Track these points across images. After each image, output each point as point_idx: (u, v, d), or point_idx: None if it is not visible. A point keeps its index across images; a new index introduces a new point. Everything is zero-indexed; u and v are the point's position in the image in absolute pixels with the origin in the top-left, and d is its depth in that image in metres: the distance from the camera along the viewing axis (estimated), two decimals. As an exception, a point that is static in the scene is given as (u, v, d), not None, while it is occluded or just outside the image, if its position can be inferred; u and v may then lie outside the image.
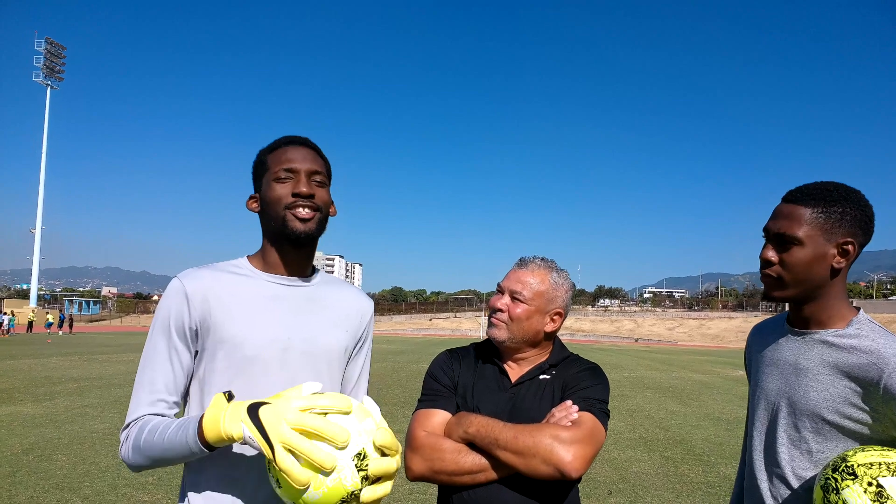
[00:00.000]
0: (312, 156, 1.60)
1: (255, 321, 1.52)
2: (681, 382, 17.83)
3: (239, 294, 1.53)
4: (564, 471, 1.54)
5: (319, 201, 1.57)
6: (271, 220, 1.56)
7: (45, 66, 76.92)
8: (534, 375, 1.81)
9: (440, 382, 1.84)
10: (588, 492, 6.03)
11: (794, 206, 1.56)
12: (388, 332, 69.48)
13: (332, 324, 1.63)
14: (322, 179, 1.60)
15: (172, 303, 1.50)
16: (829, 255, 1.53)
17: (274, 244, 1.59)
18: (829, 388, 1.51)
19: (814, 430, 1.53)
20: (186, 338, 1.50)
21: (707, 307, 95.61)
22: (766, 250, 1.59)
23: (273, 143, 1.64)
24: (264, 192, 1.58)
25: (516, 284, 1.80)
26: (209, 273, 1.55)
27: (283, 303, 1.57)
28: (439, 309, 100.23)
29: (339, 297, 1.69)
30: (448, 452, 1.65)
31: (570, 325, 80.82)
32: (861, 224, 1.54)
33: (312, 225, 1.55)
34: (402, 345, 37.82)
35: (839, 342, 1.52)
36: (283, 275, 1.61)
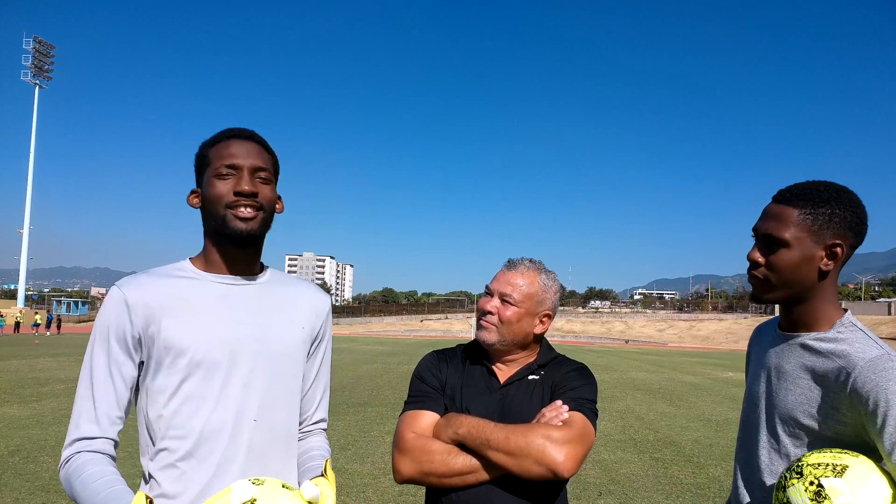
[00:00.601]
0: (257, 151, 1.53)
1: (200, 324, 1.46)
2: (671, 384, 17.90)
3: (182, 298, 1.47)
4: (557, 471, 1.54)
5: (263, 199, 1.51)
6: (212, 218, 1.50)
7: (33, 65, 76.28)
8: (522, 376, 1.81)
9: (427, 383, 1.82)
10: (578, 493, 6.03)
11: (782, 206, 1.54)
12: (379, 333, 69.37)
13: (285, 321, 1.58)
14: (267, 176, 1.53)
15: (112, 313, 1.44)
16: (816, 256, 1.50)
17: (216, 243, 1.54)
18: (806, 392, 1.50)
19: (791, 435, 1.53)
20: (129, 349, 1.45)
21: (697, 309, 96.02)
22: (753, 251, 1.58)
23: (216, 136, 1.56)
24: (205, 189, 1.51)
25: (506, 287, 1.79)
26: (149, 279, 1.49)
27: (230, 303, 1.51)
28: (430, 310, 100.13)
29: (291, 294, 1.63)
30: (437, 454, 1.64)
31: (560, 326, 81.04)
32: (851, 225, 1.50)
33: (254, 225, 1.49)
34: (393, 346, 37.78)
35: (818, 346, 1.51)
36: (230, 274, 1.54)
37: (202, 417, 1.44)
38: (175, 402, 1.44)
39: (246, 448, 1.47)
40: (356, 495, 5.74)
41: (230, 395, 1.46)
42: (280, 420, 1.55)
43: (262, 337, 1.52)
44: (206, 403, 1.44)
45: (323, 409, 1.71)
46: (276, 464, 1.53)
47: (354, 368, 19.76)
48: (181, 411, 1.43)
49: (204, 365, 1.45)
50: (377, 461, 7.09)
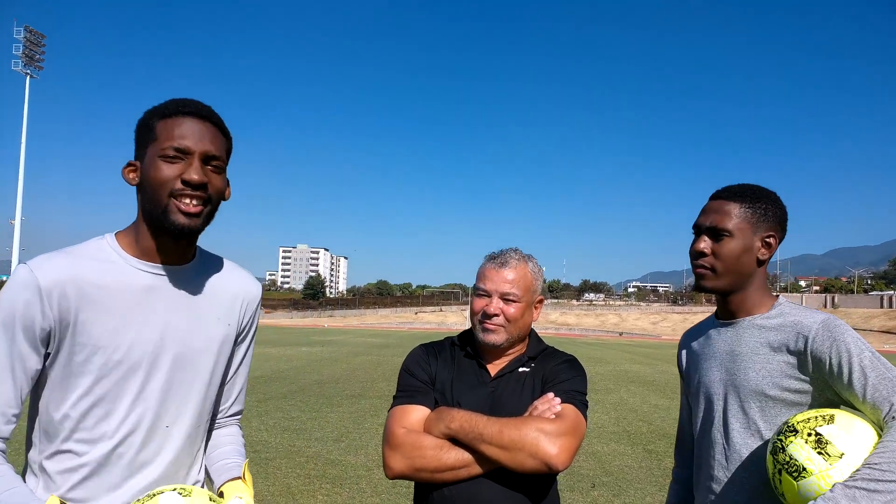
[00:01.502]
0: (213, 134, 1.36)
1: (122, 321, 1.32)
2: (664, 376, 17.98)
3: (105, 287, 1.31)
4: (551, 464, 1.53)
5: (212, 191, 1.35)
6: (150, 203, 1.32)
7: (24, 54, 75.74)
8: (513, 368, 1.79)
9: (417, 378, 1.80)
10: (571, 485, 6.04)
11: (724, 202, 1.69)
12: (373, 325, 69.47)
13: (212, 317, 1.45)
14: (219, 165, 1.37)
15: (20, 299, 1.25)
16: (755, 247, 1.67)
17: (150, 229, 1.36)
18: (766, 365, 1.61)
19: (759, 409, 1.62)
20: (36, 340, 1.28)
21: (691, 302, 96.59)
22: (699, 242, 1.70)
23: (168, 107, 1.36)
24: (147, 167, 1.33)
25: (504, 285, 1.76)
26: (67, 261, 1.30)
27: (156, 296, 1.37)
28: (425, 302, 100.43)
29: (222, 285, 1.49)
30: (429, 449, 1.62)
31: (555, 318, 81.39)
32: (780, 221, 1.70)
33: (198, 221, 1.34)
34: (388, 338, 37.83)
35: (767, 323, 1.65)
36: (159, 262, 1.38)
37: (115, 421, 1.32)
38: (85, 402, 1.31)
39: (159, 453, 1.39)
40: (350, 487, 5.74)
41: (147, 398, 1.35)
42: (194, 422, 1.45)
43: (187, 337, 1.40)
44: (121, 406, 1.33)
45: (240, 401, 1.64)
46: (185, 467, 1.46)
47: (348, 360, 19.78)
48: (92, 413, 1.31)
49: (122, 366, 1.32)
50: (371, 453, 7.09)
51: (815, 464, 1.39)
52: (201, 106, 1.39)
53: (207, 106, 1.40)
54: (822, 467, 1.38)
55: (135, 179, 1.36)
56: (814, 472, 1.39)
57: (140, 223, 1.38)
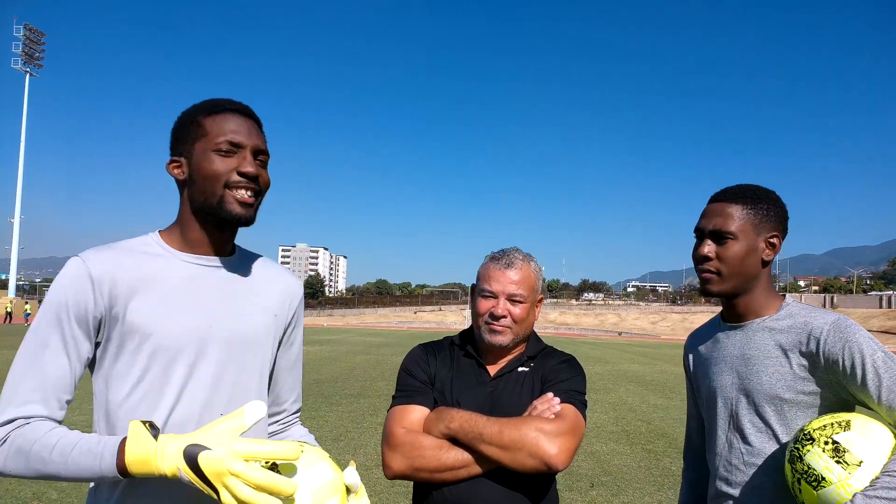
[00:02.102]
0: (258, 130, 1.43)
1: (170, 307, 1.34)
2: (663, 376, 17.97)
3: (152, 277, 1.35)
4: (551, 463, 1.54)
5: (262, 184, 1.42)
6: (204, 195, 1.37)
7: (23, 52, 75.64)
8: (513, 368, 1.80)
9: (416, 377, 1.80)
10: (570, 484, 6.04)
11: (724, 204, 1.67)
12: (372, 324, 69.33)
13: (258, 308, 1.47)
14: (265, 159, 1.44)
15: (73, 287, 1.29)
16: (759, 248, 1.65)
17: (199, 220, 1.40)
18: (779, 367, 1.59)
19: (775, 413, 1.60)
20: (89, 327, 1.31)
21: (690, 301, 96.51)
22: (703, 246, 1.68)
23: (211, 104, 1.41)
24: (198, 162, 1.37)
25: (510, 286, 1.76)
26: (116, 254, 1.34)
27: (202, 285, 1.40)
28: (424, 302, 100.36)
29: (265, 279, 1.53)
30: (428, 449, 1.62)
31: (554, 318, 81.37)
32: (782, 220, 1.68)
33: (252, 211, 1.40)
34: (387, 337, 37.79)
35: (777, 325, 1.64)
36: (203, 254, 1.42)
37: (167, 408, 1.33)
38: (139, 390, 1.33)
39: None
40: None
41: (198, 385, 1.36)
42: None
43: (233, 324, 1.42)
44: (172, 394, 1.34)
45: (299, 398, 1.66)
46: None
47: (348, 360, 19.76)
48: (146, 400, 1.33)
49: (171, 352, 1.33)
50: (370, 452, 7.08)
51: (833, 473, 1.37)
52: (243, 105, 1.45)
53: (247, 105, 1.46)
54: (842, 476, 1.37)
55: (181, 175, 1.40)
56: (833, 481, 1.37)
57: (187, 216, 1.42)
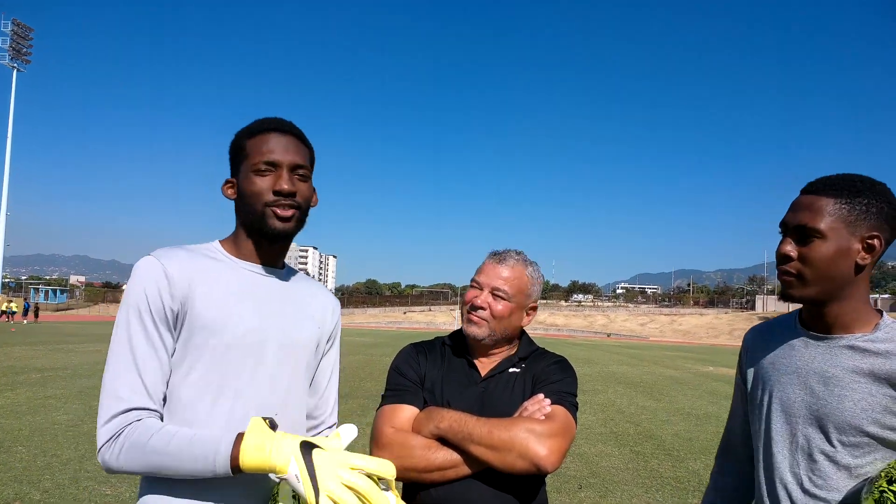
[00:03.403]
0: (296, 146, 1.49)
1: (233, 308, 1.42)
2: (652, 377, 18.04)
3: (217, 278, 1.43)
4: (540, 465, 1.52)
5: (301, 198, 1.48)
6: (248, 213, 1.47)
7: (11, 47, 74.86)
8: (504, 369, 1.78)
9: (406, 377, 1.78)
10: (558, 486, 6.05)
11: (815, 197, 1.43)
12: (361, 324, 69.28)
13: (306, 317, 1.56)
14: (305, 174, 1.49)
15: (151, 282, 1.37)
16: (853, 249, 1.40)
17: (249, 235, 1.51)
18: (867, 397, 1.38)
19: (851, 444, 1.40)
20: (168, 321, 1.38)
21: (679, 303, 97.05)
22: (783, 245, 1.45)
23: (254, 126, 1.51)
24: (242, 182, 1.47)
25: (497, 280, 1.76)
26: (186, 253, 1.43)
27: (259, 290, 1.49)
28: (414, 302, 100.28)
29: (310, 293, 1.62)
30: (418, 449, 1.60)
31: (543, 319, 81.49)
32: (888, 218, 1.41)
33: (291, 224, 1.47)
34: (376, 337, 37.73)
35: (872, 347, 1.40)
36: (258, 264, 1.52)
37: (227, 405, 1.38)
38: (201, 384, 1.37)
39: None
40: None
41: (256, 385, 1.42)
42: (296, 416, 1.52)
43: (287, 329, 1.50)
44: (232, 391, 1.39)
45: (335, 411, 1.69)
46: None
47: (336, 360, 19.66)
48: (205, 396, 1.37)
49: (234, 350, 1.40)
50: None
51: None
52: (284, 121, 1.52)
53: (289, 121, 1.53)
54: None
55: (232, 195, 1.51)
56: None
57: (240, 231, 1.52)
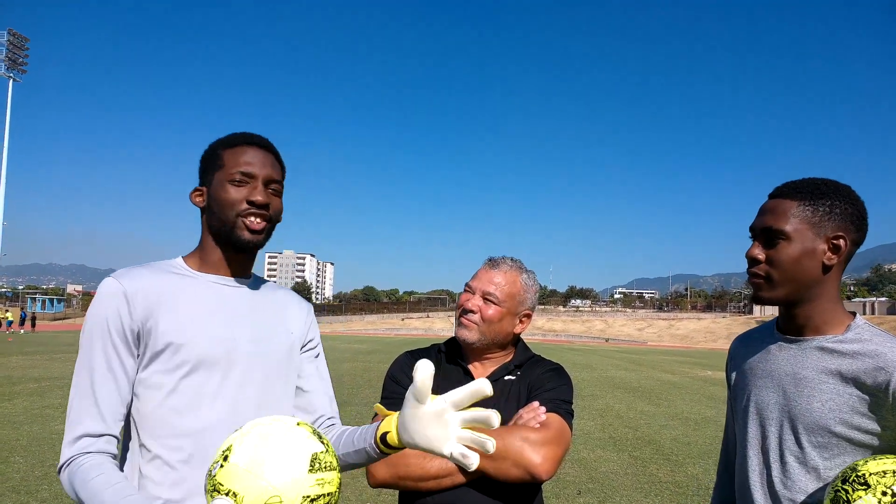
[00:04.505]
0: (272, 161, 1.52)
1: (199, 321, 1.43)
2: (650, 382, 18.04)
3: (181, 294, 1.45)
4: (535, 473, 1.52)
5: (273, 212, 1.50)
6: (219, 221, 1.48)
7: (7, 58, 75.02)
8: (499, 376, 1.78)
9: (402, 385, 1.78)
10: (557, 491, 6.04)
11: (780, 200, 1.47)
12: (359, 331, 69.16)
13: (276, 324, 1.57)
14: (278, 188, 1.53)
15: (110, 305, 1.39)
16: (818, 250, 1.43)
17: (217, 244, 1.52)
18: (835, 397, 1.39)
19: (819, 445, 1.41)
20: (129, 343, 1.40)
21: (676, 308, 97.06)
22: (752, 248, 1.49)
23: (231, 138, 1.54)
24: (215, 191, 1.49)
25: (489, 285, 1.76)
26: (146, 272, 1.45)
27: (226, 302, 1.50)
28: (412, 308, 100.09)
29: (280, 301, 1.63)
30: (413, 457, 1.60)
31: (541, 325, 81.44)
32: (852, 219, 1.44)
33: (262, 237, 1.49)
34: (374, 344, 37.67)
35: (840, 348, 1.42)
36: (225, 275, 1.53)
37: (199, 417, 1.40)
38: (172, 399, 1.39)
39: None
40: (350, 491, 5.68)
41: (227, 394, 1.43)
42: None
43: (257, 338, 1.50)
44: (204, 402, 1.40)
45: (333, 404, 1.68)
46: None
47: (334, 367, 19.65)
48: (177, 410, 1.39)
49: (202, 362, 1.41)
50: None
51: None
52: (261, 138, 1.56)
53: (265, 138, 1.57)
54: None
55: (201, 203, 1.52)
56: None
57: (207, 241, 1.53)
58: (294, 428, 1.15)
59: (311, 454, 1.11)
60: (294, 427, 1.15)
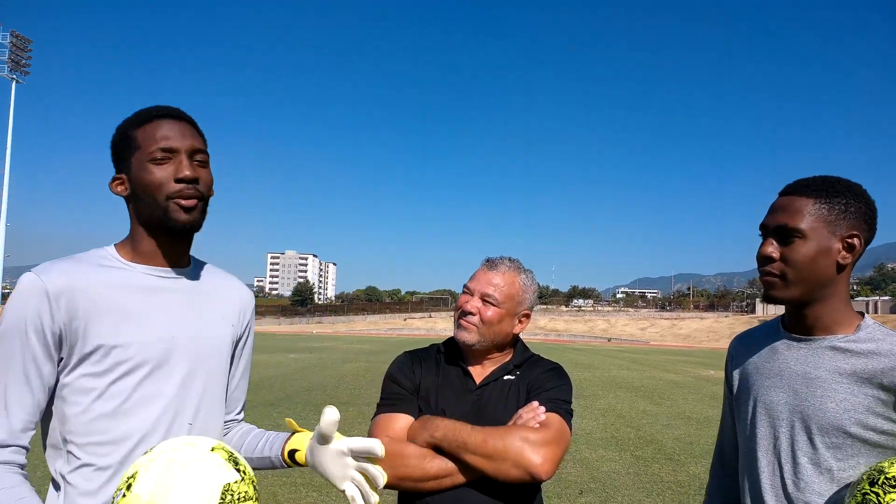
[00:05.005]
0: (191, 131, 1.39)
1: (131, 319, 1.32)
2: (652, 382, 18.02)
3: (111, 289, 1.32)
4: (535, 473, 1.52)
5: (203, 186, 1.38)
6: (148, 207, 1.35)
7: (10, 59, 75.07)
8: (498, 376, 1.79)
9: (401, 385, 1.79)
10: (559, 491, 6.04)
11: (794, 197, 1.45)
12: (362, 331, 69.16)
13: (218, 317, 1.48)
14: (204, 159, 1.39)
15: (29, 304, 1.26)
16: (833, 249, 1.41)
17: (150, 233, 1.39)
18: (849, 397, 1.37)
19: (833, 446, 1.38)
20: (49, 345, 1.27)
21: (679, 307, 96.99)
22: (765, 246, 1.45)
23: (140, 115, 1.39)
24: (137, 175, 1.35)
25: (487, 287, 1.77)
26: (73, 266, 1.31)
27: (163, 297, 1.38)
28: (414, 308, 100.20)
29: (221, 289, 1.52)
30: (413, 458, 1.60)
31: (543, 324, 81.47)
32: (865, 218, 1.43)
33: (197, 214, 1.37)
34: (377, 344, 37.70)
35: (854, 348, 1.39)
36: (160, 266, 1.41)
37: (133, 421, 1.31)
38: (101, 404, 1.29)
39: None
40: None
41: (165, 396, 1.35)
42: (213, 421, 1.46)
43: (197, 335, 1.42)
44: (138, 406, 1.32)
45: (245, 404, 1.65)
46: None
47: (337, 367, 19.69)
48: (108, 414, 1.29)
49: (137, 364, 1.31)
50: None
51: None
52: (172, 108, 1.42)
53: (177, 107, 1.43)
54: None
55: (124, 191, 1.39)
56: None
57: (137, 230, 1.40)
58: (207, 454, 1.07)
59: (222, 485, 1.04)
60: (207, 453, 1.08)
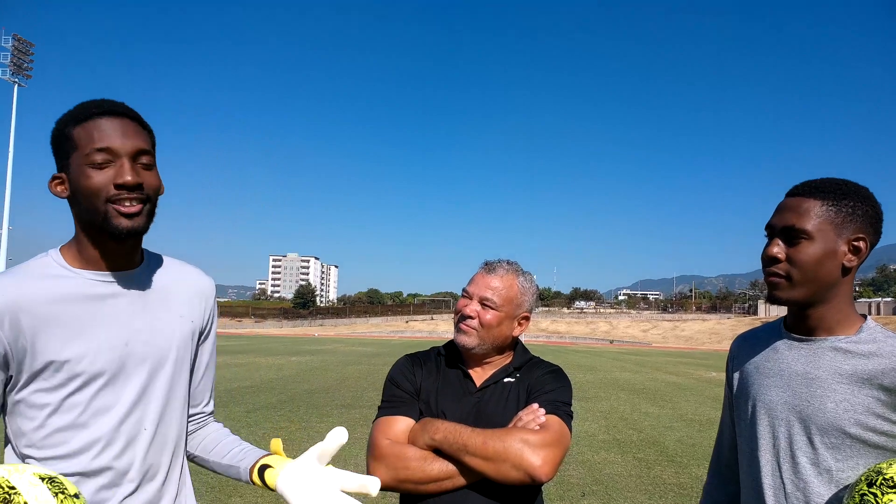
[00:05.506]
0: (134, 129, 1.29)
1: (82, 332, 1.27)
2: (655, 384, 18.00)
3: (56, 302, 1.26)
4: (535, 475, 1.53)
5: (149, 190, 1.30)
6: (88, 213, 1.27)
7: (12, 63, 75.30)
8: (498, 379, 1.79)
9: (402, 388, 1.80)
10: (561, 494, 6.03)
11: (802, 199, 1.44)
12: (364, 334, 69.22)
13: (174, 315, 1.42)
14: (149, 161, 1.31)
15: None
16: (839, 251, 1.41)
17: (91, 238, 1.31)
18: (849, 398, 1.38)
19: (832, 447, 1.39)
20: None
21: (681, 309, 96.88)
22: (771, 246, 1.45)
23: (80, 111, 1.29)
24: (76, 178, 1.27)
25: (486, 290, 1.77)
26: (13, 281, 1.25)
27: (112, 303, 1.32)
28: (416, 311, 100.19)
29: (177, 285, 1.45)
30: (413, 460, 1.61)
31: (545, 326, 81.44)
32: (872, 221, 1.43)
33: (140, 220, 1.29)
34: (379, 347, 37.70)
35: (855, 349, 1.40)
36: (108, 270, 1.33)
37: (90, 432, 1.28)
38: (57, 418, 1.26)
39: (139, 461, 1.34)
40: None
41: (123, 404, 1.31)
42: (173, 427, 1.43)
43: (152, 339, 1.36)
44: (96, 416, 1.29)
45: (213, 399, 1.61)
46: (162, 474, 1.41)
47: (339, 370, 19.68)
48: (64, 428, 1.26)
49: (91, 377, 1.27)
50: (360, 463, 7.02)
51: None
52: (115, 102, 1.33)
53: (121, 102, 1.34)
54: None
55: (64, 192, 1.32)
56: None
57: (80, 234, 1.33)
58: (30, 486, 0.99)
59: None
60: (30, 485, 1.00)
